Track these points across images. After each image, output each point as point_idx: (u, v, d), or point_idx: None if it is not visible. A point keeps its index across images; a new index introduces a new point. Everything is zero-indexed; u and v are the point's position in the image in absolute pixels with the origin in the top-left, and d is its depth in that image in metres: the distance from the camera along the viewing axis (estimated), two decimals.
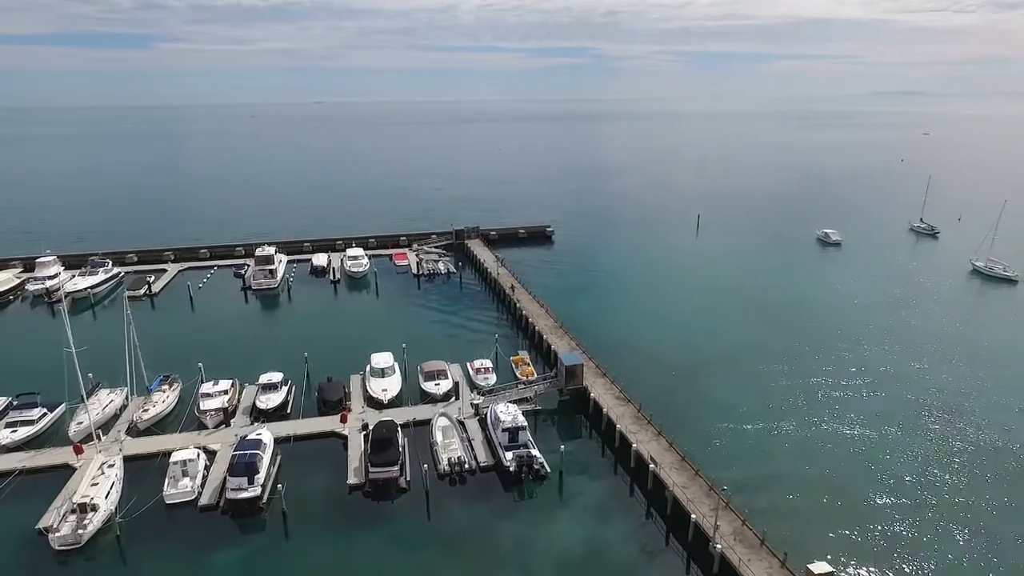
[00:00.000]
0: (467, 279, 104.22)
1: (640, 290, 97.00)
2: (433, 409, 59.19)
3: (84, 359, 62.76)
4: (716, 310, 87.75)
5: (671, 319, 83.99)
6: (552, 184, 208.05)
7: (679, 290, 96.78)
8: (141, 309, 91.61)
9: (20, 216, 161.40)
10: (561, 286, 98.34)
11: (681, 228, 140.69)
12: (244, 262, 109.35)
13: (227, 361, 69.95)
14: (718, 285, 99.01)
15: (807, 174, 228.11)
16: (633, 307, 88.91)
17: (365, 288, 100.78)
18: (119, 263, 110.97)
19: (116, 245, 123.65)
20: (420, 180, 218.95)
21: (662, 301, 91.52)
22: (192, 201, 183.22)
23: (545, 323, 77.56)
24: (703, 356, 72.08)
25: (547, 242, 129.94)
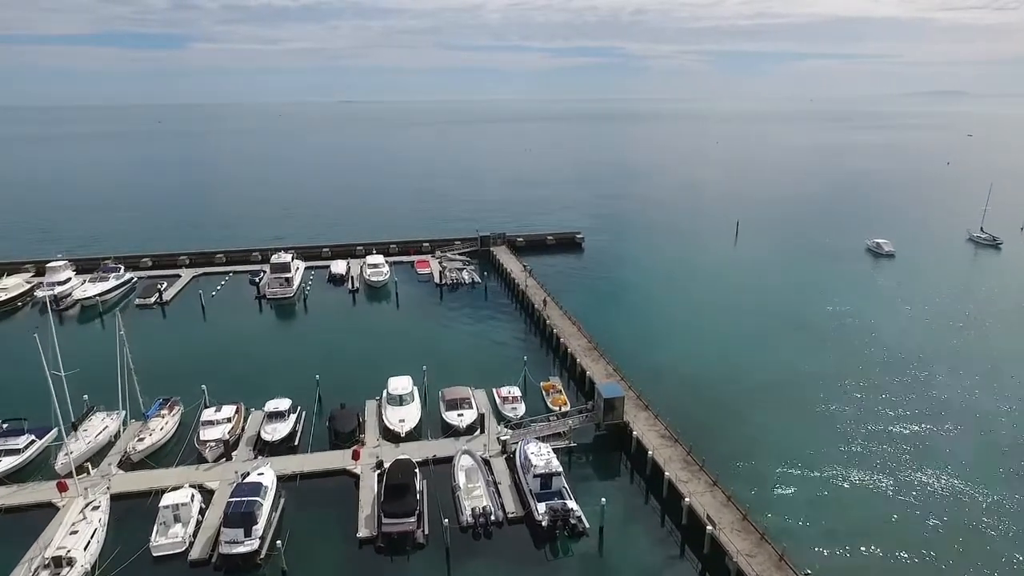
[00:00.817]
0: (493, 289, 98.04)
1: (679, 306, 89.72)
2: (455, 445, 53.03)
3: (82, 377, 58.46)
4: (764, 329, 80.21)
5: (715, 340, 76.64)
6: (580, 187, 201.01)
7: (722, 306, 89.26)
8: (150, 318, 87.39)
9: (40, 216, 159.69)
10: (593, 300, 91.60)
11: (719, 235, 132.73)
12: (260, 268, 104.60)
13: (233, 381, 64.80)
14: (763, 300, 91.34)
15: (850, 178, 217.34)
16: (673, 325, 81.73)
17: (385, 298, 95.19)
18: (133, 268, 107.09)
19: (132, 248, 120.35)
20: (444, 181, 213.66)
21: (704, 319, 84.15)
22: (212, 202, 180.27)
23: (578, 343, 70.93)
24: (754, 385, 64.77)
25: (576, 250, 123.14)
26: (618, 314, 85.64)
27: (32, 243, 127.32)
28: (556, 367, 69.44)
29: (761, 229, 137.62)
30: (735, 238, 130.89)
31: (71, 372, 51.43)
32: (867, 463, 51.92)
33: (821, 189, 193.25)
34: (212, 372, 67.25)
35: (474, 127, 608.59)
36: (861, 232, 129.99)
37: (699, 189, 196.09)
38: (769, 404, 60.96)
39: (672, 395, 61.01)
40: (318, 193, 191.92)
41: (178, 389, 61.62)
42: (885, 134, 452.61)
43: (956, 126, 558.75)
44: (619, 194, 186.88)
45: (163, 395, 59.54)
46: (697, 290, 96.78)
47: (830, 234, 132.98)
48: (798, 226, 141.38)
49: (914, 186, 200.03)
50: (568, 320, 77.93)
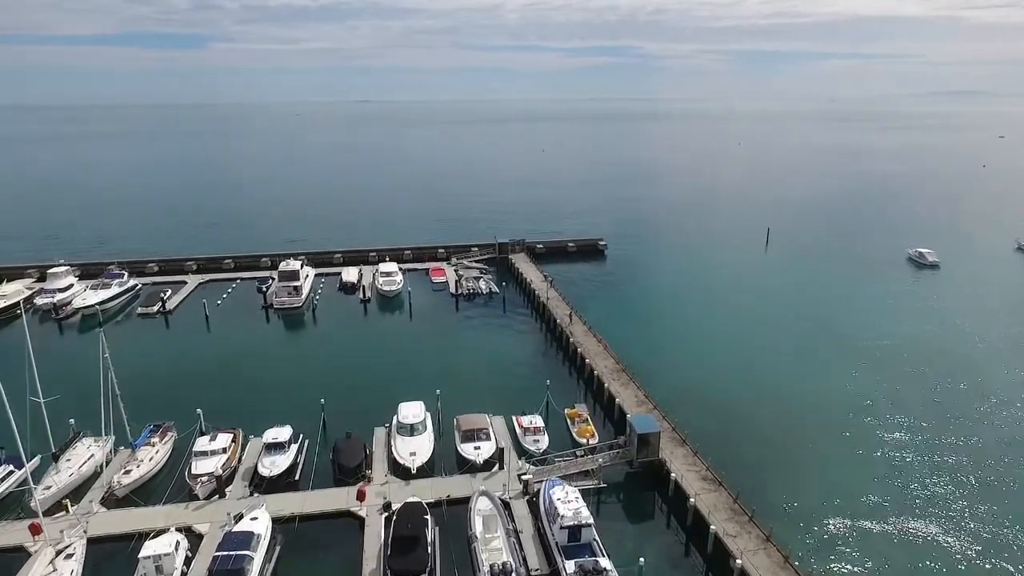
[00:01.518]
0: (511, 300, 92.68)
1: (711, 321, 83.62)
2: (471, 483, 47.74)
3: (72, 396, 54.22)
4: (804, 349, 73.97)
5: (753, 362, 70.54)
6: (600, 189, 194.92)
7: (757, 322, 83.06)
8: (151, 328, 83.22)
9: (49, 219, 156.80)
10: (618, 314, 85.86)
11: (748, 242, 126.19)
12: (269, 275, 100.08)
13: (232, 404, 60.16)
14: (801, 315, 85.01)
15: (883, 181, 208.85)
16: (705, 344, 75.67)
17: (398, 308, 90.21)
18: (138, 274, 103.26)
19: (139, 252, 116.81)
20: (460, 183, 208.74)
21: (739, 337, 78.01)
22: (224, 204, 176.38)
23: (605, 365, 65.33)
24: (801, 415, 58.73)
25: (599, 257, 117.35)
26: (646, 330, 79.80)
27: (38, 246, 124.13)
28: (581, 391, 63.90)
29: (793, 236, 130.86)
30: (765, 245, 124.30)
31: (51, 399, 47.04)
32: (939, 513, 45.77)
33: (854, 193, 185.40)
34: (210, 392, 62.67)
35: (490, 127, 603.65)
36: (900, 240, 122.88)
37: (724, 193, 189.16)
38: (819, 438, 54.93)
39: (710, 427, 55.21)
40: (332, 195, 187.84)
41: (173, 411, 57.12)
42: (913, 135, 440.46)
43: (984, 127, 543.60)
44: (641, 197, 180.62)
45: (156, 420, 55.08)
46: (729, 304, 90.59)
47: (867, 242, 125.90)
48: (832, 233, 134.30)
49: (951, 190, 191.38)
50: (593, 337, 72.36)
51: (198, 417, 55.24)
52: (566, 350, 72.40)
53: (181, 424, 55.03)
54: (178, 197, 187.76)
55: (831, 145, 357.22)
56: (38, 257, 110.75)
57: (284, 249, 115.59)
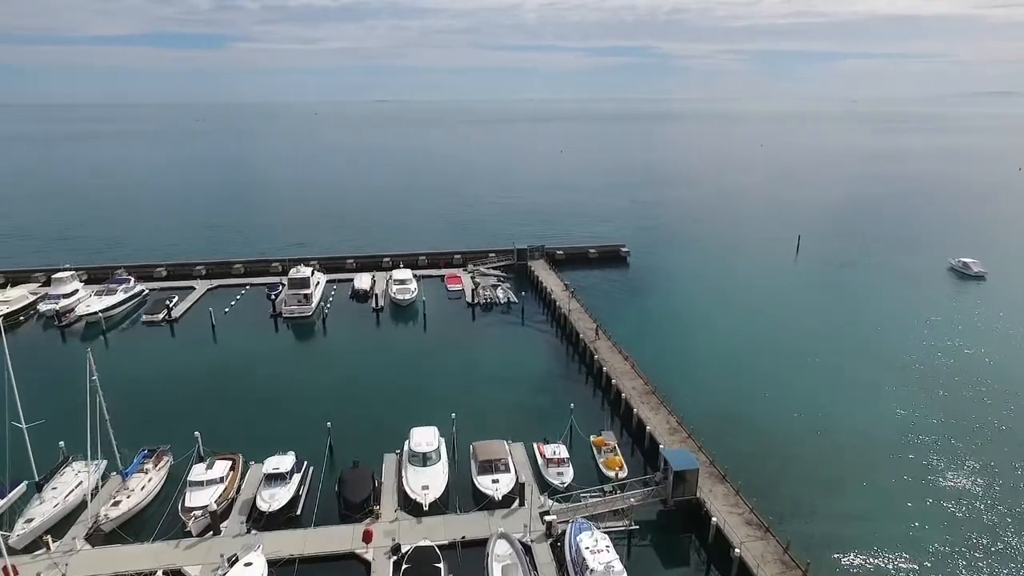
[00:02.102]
0: (530, 310, 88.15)
1: (742, 337, 78.37)
2: (489, 522, 43.34)
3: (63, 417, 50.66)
4: (845, 369, 68.60)
5: (790, 384, 65.40)
6: (620, 192, 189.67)
7: (792, 338, 77.74)
8: (155, 337, 79.85)
9: (60, 220, 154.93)
10: (644, 327, 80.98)
11: (778, 250, 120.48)
12: (279, 280, 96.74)
13: (233, 424, 56.42)
14: (839, 330, 79.50)
15: (915, 186, 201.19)
16: (737, 363, 70.49)
17: (412, 319, 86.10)
18: (146, 278, 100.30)
19: (148, 256, 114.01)
20: (476, 185, 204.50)
21: (773, 354, 72.81)
22: (235, 205, 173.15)
23: (632, 386, 60.62)
24: (848, 446, 53.61)
25: (621, 264, 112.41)
26: (674, 347, 74.85)
27: (47, 248, 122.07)
28: (607, 414, 59.27)
29: (825, 243, 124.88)
30: (796, 253, 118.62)
31: (35, 423, 43.47)
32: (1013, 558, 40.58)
33: (887, 197, 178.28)
34: (211, 411, 58.95)
35: (507, 127, 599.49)
36: (941, 248, 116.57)
37: (750, 196, 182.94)
38: (871, 473, 49.81)
39: (750, 460, 50.26)
40: (346, 197, 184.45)
41: (170, 432, 53.50)
42: (941, 137, 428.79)
43: (1014, 128, 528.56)
44: (663, 200, 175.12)
45: (151, 442, 51.34)
46: (761, 317, 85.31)
47: (905, 250, 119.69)
48: (866, 240, 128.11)
49: (989, 195, 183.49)
50: (619, 354, 67.65)
51: (196, 441, 51.38)
52: (590, 368, 67.73)
53: (178, 448, 51.27)
54: (191, 198, 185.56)
55: (857, 147, 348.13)
56: (46, 260, 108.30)
57: (295, 253, 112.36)
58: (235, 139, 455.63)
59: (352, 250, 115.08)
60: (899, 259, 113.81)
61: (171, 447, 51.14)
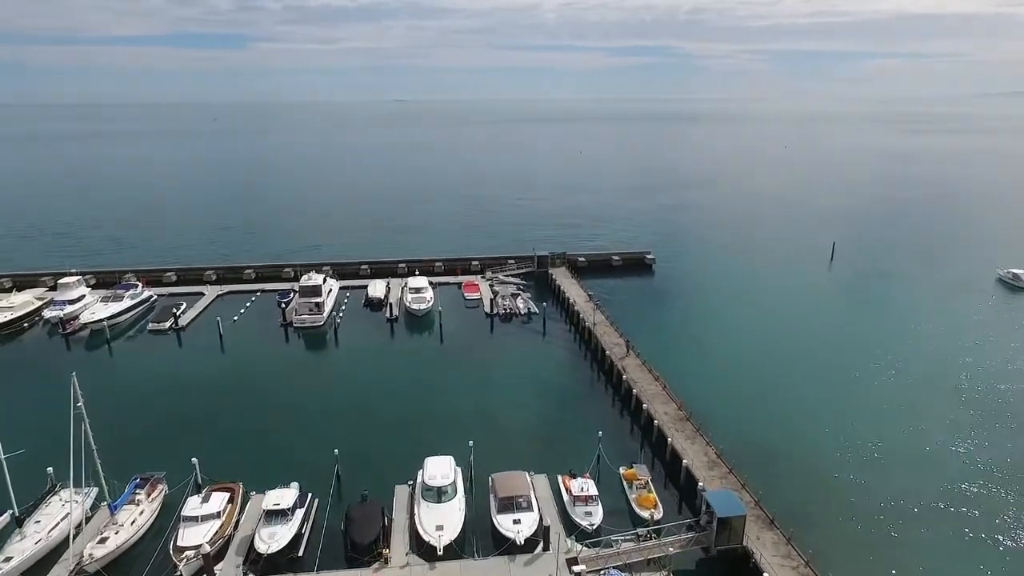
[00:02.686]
0: (552, 321, 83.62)
1: (779, 354, 73.16)
2: (510, 568, 38.97)
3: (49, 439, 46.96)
4: (896, 392, 63.21)
5: (836, 409, 60.15)
6: (643, 195, 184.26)
7: (834, 355, 72.33)
8: (160, 347, 76.53)
9: (71, 222, 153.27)
10: (674, 341, 76.09)
11: (811, 258, 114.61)
12: (291, 287, 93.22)
13: (235, 447, 52.74)
14: (885, 347, 73.85)
15: (953, 190, 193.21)
16: (776, 384, 65.33)
17: (427, 329, 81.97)
18: (155, 283, 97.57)
19: (158, 260, 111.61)
20: (494, 187, 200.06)
21: (815, 375, 67.55)
22: (248, 207, 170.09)
23: (665, 410, 55.90)
24: (912, 490, 48.31)
25: (646, 272, 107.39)
26: (708, 365, 69.84)
27: (56, 251, 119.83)
28: (638, 442, 54.54)
29: (861, 250, 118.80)
30: (830, 261, 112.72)
31: (14, 454, 39.82)
32: None
33: (924, 202, 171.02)
34: (212, 431, 55.40)
35: (526, 127, 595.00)
36: (987, 258, 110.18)
37: (777, 200, 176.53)
38: (942, 519, 44.63)
39: (801, 500, 45.42)
40: (361, 199, 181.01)
41: (166, 456, 49.84)
42: (973, 138, 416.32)
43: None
44: (688, 204, 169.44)
45: (145, 469, 47.58)
46: (799, 333, 79.91)
47: (948, 259, 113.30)
48: (906, 248, 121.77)
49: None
50: (649, 374, 62.95)
51: (193, 468, 47.56)
52: (618, 389, 63.04)
53: (173, 475, 47.51)
54: (204, 199, 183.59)
55: (884, 148, 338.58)
56: (56, 263, 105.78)
57: (308, 258, 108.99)
58: (250, 139, 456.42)
59: (366, 255, 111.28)
60: (943, 269, 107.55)
61: (166, 474, 47.38)
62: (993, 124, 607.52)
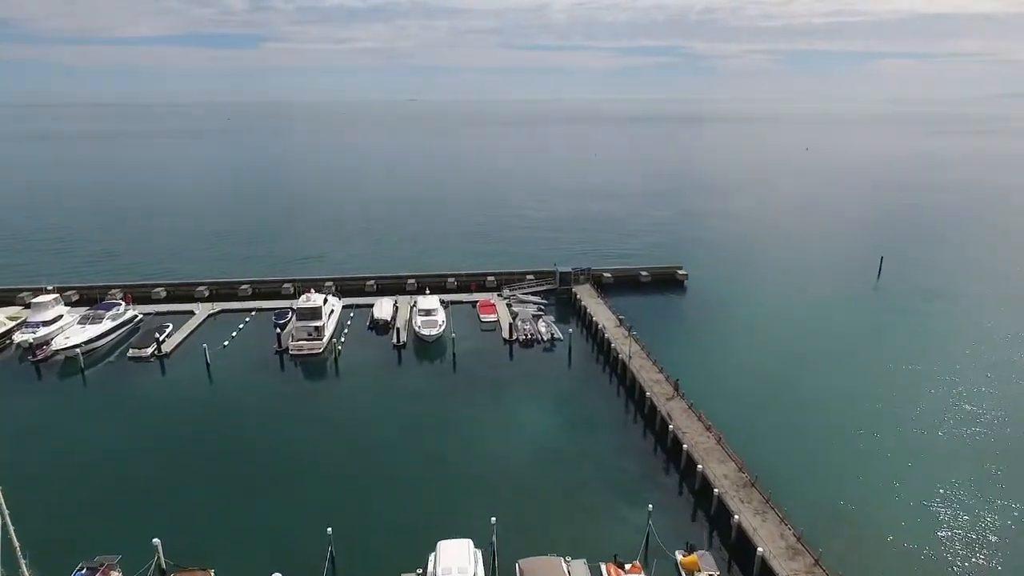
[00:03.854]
0: (579, 349, 74.60)
1: (848, 396, 63.38)
2: None
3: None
4: (986, 440, 53.70)
5: (930, 472, 50.74)
6: (665, 202, 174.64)
7: (907, 398, 62.75)
8: (137, 381, 68.02)
9: (58, 229, 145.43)
10: (719, 377, 66.72)
11: (857, 274, 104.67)
12: (290, 305, 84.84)
13: (208, 522, 43.91)
14: (957, 379, 64.36)
15: (992, 197, 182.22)
16: (855, 439, 55.56)
17: (439, 357, 73.09)
18: (143, 300, 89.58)
19: (149, 271, 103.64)
20: (508, 193, 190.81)
21: (895, 425, 58.01)
22: (249, 213, 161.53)
23: (725, 473, 46.69)
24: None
25: (678, 289, 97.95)
26: (761, 407, 60.39)
27: (41, 264, 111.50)
28: (697, 517, 45.19)
29: (911, 267, 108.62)
30: (877, 277, 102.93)
31: None
32: None
33: (964, 212, 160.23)
34: (182, 499, 46.59)
35: (537, 128, 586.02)
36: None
37: (812, 209, 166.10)
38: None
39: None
40: (367, 206, 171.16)
41: (125, 533, 41.25)
42: (995, 141, 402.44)
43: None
44: (715, 212, 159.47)
45: (99, 549, 39.09)
46: (861, 366, 70.11)
47: (1008, 274, 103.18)
48: (958, 262, 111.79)
49: None
50: (698, 421, 53.79)
51: (155, 551, 38.87)
52: (663, 441, 53.82)
53: (131, 560, 38.80)
54: (204, 204, 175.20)
55: (907, 151, 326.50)
56: (35, 279, 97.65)
57: (310, 271, 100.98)
58: (261, 139, 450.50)
59: (373, 267, 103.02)
60: (1002, 284, 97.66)
61: (121, 559, 38.71)
62: (1020, 126, 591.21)
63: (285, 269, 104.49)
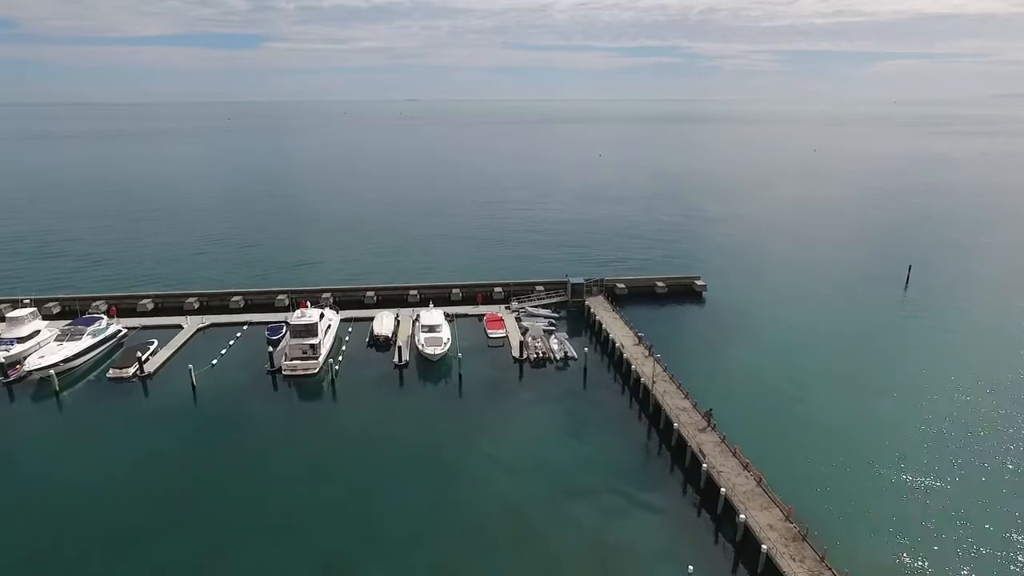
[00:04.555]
0: (595, 370, 69.12)
1: (887, 419, 58.13)
2: None
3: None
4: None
5: (1000, 503, 45.35)
6: (675, 205, 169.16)
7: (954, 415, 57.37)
8: (116, 406, 62.57)
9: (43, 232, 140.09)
10: (749, 403, 61.12)
11: (883, 284, 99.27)
12: (284, 319, 79.65)
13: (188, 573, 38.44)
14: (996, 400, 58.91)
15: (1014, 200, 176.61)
16: (902, 467, 50.40)
17: (444, 378, 67.66)
18: (129, 312, 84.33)
19: (137, 282, 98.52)
20: (512, 195, 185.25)
21: (948, 447, 52.65)
22: (244, 217, 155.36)
23: (770, 523, 41.24)
24: None
25: (696, 300, 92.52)
26: (800, 439, 54.93)
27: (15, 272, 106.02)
28: (734, 566, 39.81)
29: (939, 275, 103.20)
30: (905, 287, 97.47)
31: None
32: None
33: (997, 213, 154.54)
34: (146, 560, 41.05)
35: (539, 128, 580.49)
36: None
37: (829, 212, 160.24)
38: None
39: None
40: (370, 208, 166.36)
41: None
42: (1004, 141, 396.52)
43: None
44: (730, 216, 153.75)
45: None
46: (899, 383, 64.74)
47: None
48: (991, 272, 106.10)
49: None
50: (733, 457, 48.40)
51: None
52: (695, 481, 48.24)
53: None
54: (199, 208, 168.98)
55: (917, 152, 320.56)
56: (12, 290, 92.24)
57: (305, 282, 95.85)
58: (259, 140, 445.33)
59: (373, 275, 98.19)
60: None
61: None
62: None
63: (280, 278, 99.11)
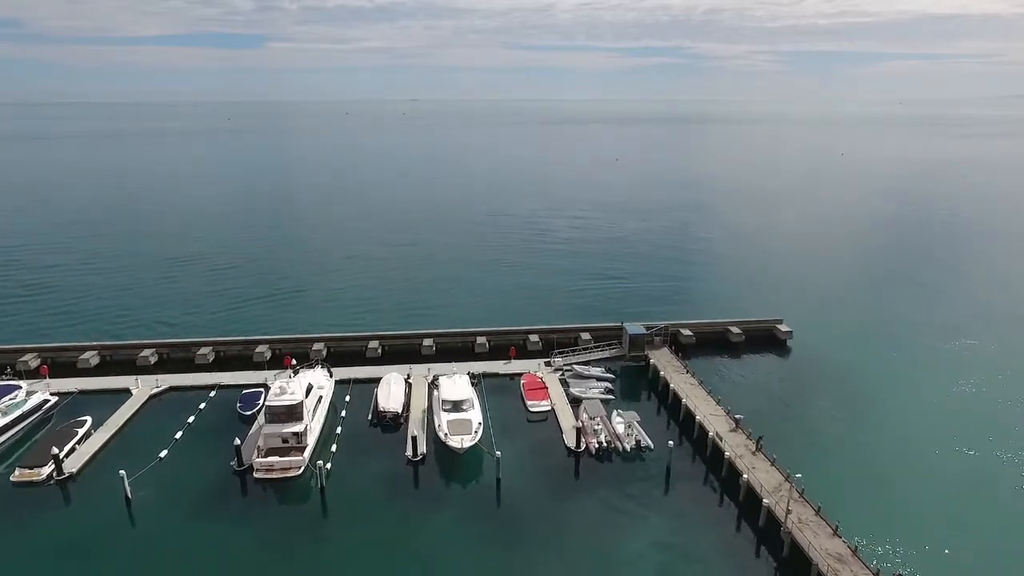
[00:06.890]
0: (679, 463, 50.53)
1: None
2: None
3: None
4: None
5: None
6: (716, 220, 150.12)
7: None
8: (21, 522, 44.17)
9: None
10: (879, 510, 42.87)
11: (996, 323, 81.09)
12: (261, 384, 61.65)
13: None
14: None
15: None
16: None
17: (474, 479, 49.38)
18: (67, 370, 65.98)
19: (82, 327, 79.93)
20: (530, 209, 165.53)
21: None
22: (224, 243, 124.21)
23: None
24: None
25: (779, 350, 74.03)
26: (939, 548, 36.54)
27: None
28: None
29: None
30: None
31: None
32: None
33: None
34: None
35: (547, 129, 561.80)
36: None
37: (897, 228, 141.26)
38: None
39: None
40: (369, 226, 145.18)
41: None
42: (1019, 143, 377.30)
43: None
44: (789, 236, 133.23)
45: None
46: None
47: None
48: None
49: None
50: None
51: None
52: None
53: None
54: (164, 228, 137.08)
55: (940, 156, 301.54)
56: None
57: (292, 327, 77.22)
58: (255, 143, 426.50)
59: (376, 322, 79.58)
60: None
61: None
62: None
63: (260, 322, 79.98)
